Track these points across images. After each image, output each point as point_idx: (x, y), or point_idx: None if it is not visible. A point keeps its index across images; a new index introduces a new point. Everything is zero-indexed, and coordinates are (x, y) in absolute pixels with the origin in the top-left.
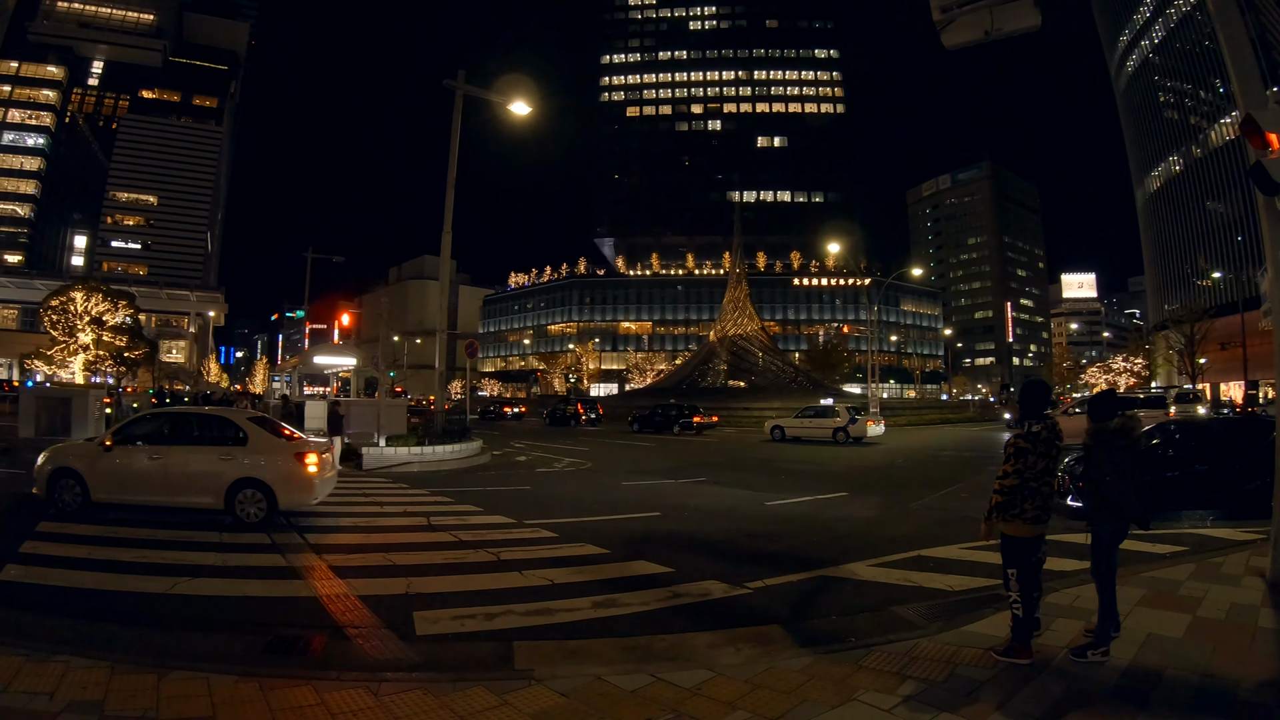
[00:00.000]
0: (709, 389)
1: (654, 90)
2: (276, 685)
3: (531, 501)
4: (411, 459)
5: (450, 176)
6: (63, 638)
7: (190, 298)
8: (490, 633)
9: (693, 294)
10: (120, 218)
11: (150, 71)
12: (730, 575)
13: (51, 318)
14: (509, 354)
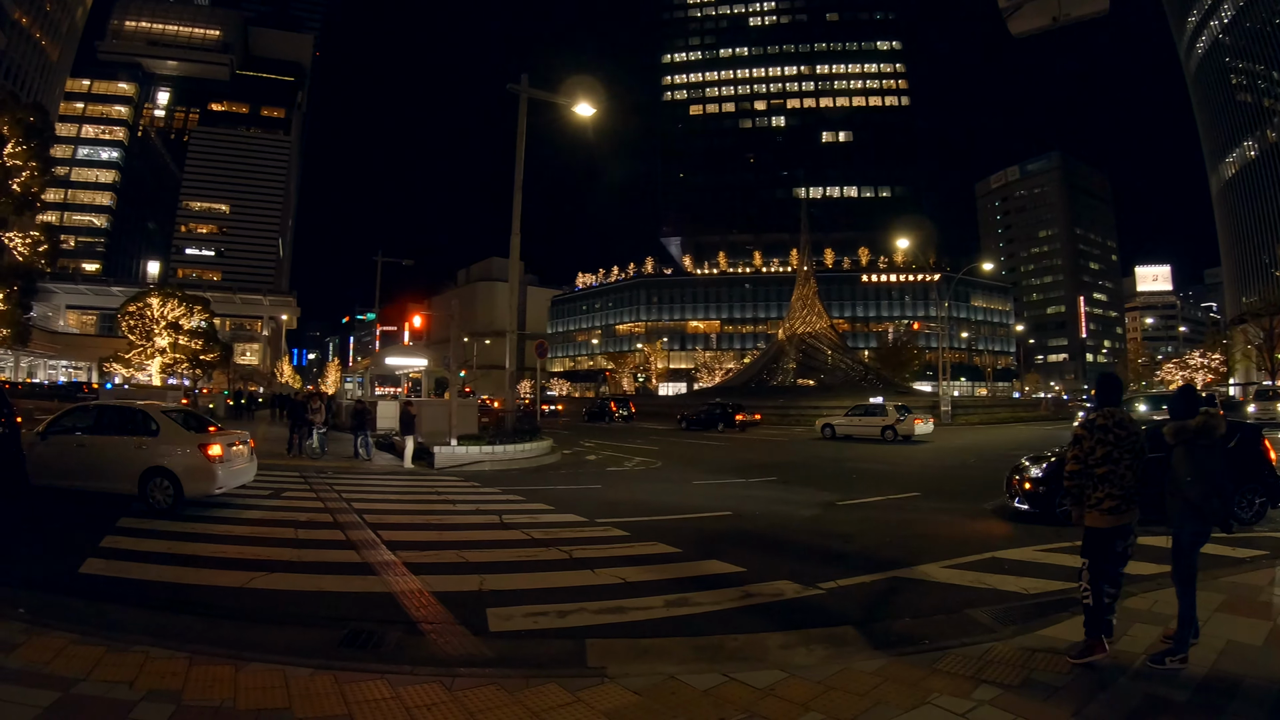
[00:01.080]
0: (778, 388)
1: (716, 88)
2: (352, 678)
3: (602, 500)
4: (483, 458)
5: (517, 179)
6: (142, 628)
7: (263, 302)
8: (563, 630)
9: (760, 292)
10: (194, 226)
11: (218, 85)
12: (802, 575)
13: (129, 323)
14: (577, 354)
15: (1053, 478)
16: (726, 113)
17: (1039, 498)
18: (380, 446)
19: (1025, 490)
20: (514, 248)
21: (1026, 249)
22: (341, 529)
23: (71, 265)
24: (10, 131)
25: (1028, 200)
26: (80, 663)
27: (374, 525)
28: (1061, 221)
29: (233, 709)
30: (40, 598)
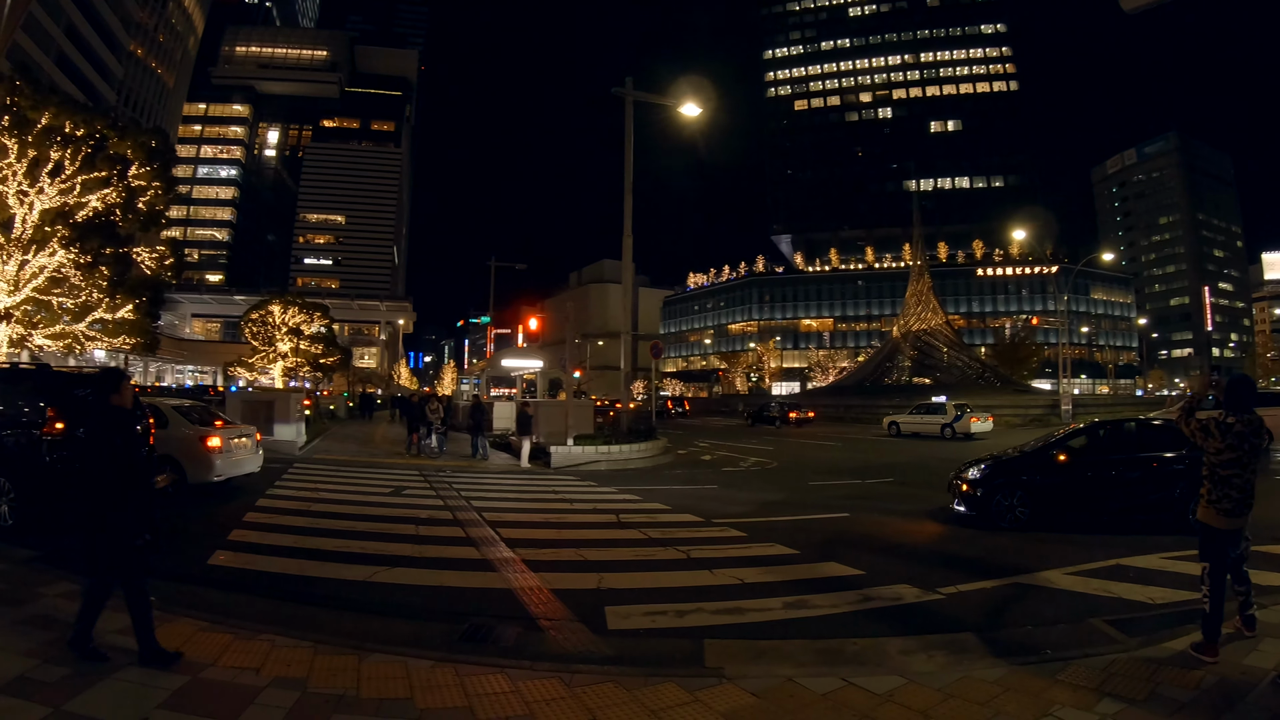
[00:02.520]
0: (893, 386)
1: (820, 82)
2: (472, 671)
3: (719, 500)
4: (599, 457)
5: (627, 182)
6: (267, 618)
7: (380, 307)
8: (681, 629)
9: (873, 289)
10: (311, 237)
11: (329, 102)
12: (921, 579)
13: (252, 329)
14: (690, 354)
15: (988, 480)
16: (831, 106)
17: (975, 500)
18: (496, 446)
19: (962, 492)
20: (626, 250)
21: (1146, 237)
22: (461, 526)
23: (196, 276)
24: (134, 154)
25: (1146, 185)
26: (208, 649)
27: (493, 523)
28: (1182, 207)
29: (356, 698)
30: (170, 587)
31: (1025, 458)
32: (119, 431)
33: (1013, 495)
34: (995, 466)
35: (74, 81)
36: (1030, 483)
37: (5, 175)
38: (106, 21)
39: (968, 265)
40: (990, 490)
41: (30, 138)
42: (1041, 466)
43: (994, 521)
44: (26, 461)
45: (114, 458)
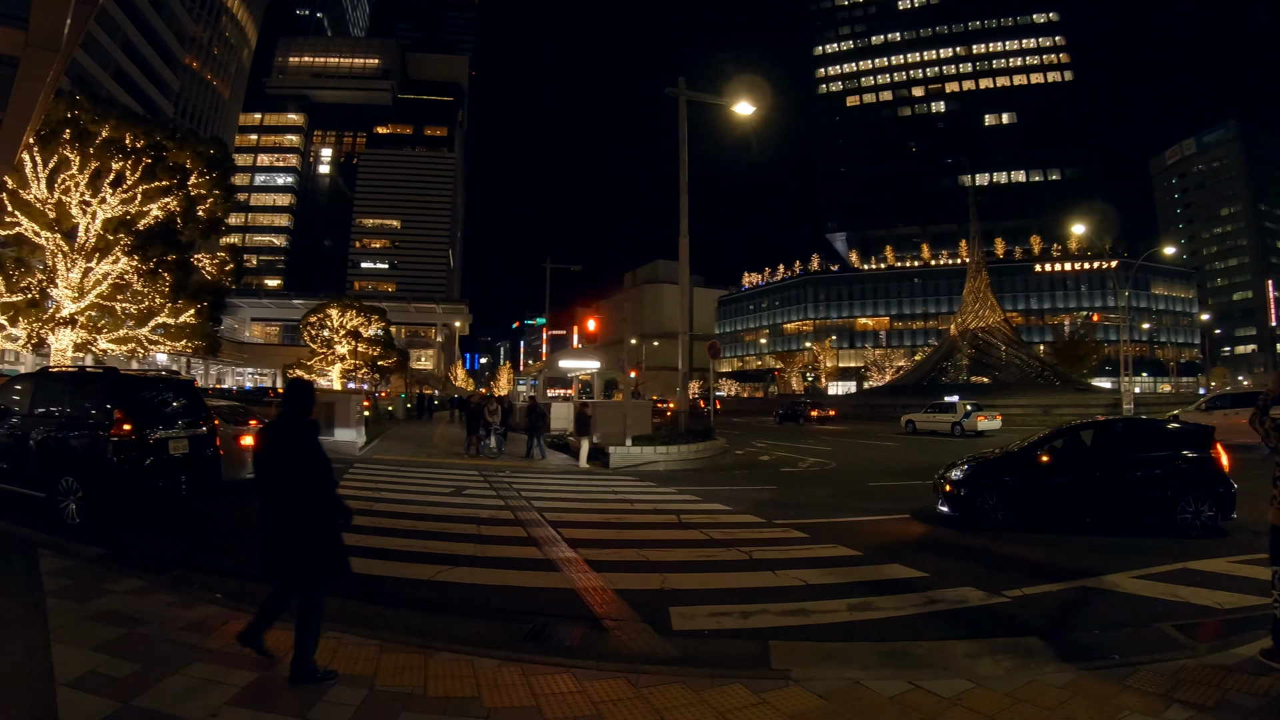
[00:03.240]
0: (950, 385)
1: (871, 77)
2: (538, 671)
3: (779, 501)
4: (657, 458)
5: (683, 182)
6: (333, 616)
7: (436, 310)
8: (746, 631)
9: (930, 286)
10: (368, 241)
11: (382, 109)
12: (986, 581)
13: (310, 332)
14: (745, 354)
15: (972, 480)
16: (884, 102)
17: (958, 500)
18: (553, 447)
19: (945, 492)
20: (683, 250)
21: (1208, 229)
22: (523, 526)
23: (255, 281)
24: (193, 164)
25: (1206, 176)
26: (275, 646)
27: (554, 523)
28: (1244, 197)
29: (423, 696)
30: (237, 585)
31: (1008, 458)
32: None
33: (995, 496)
34: (978, 467)
35: (132, 95)
36: (1013, 483)
37: (68, 186)
38: (161, 36)
39: (1025, 261)
40: (974, 490)
41: (91, 150)
42: (1024, 467)
43: (976, 522)
44: (94, 462)
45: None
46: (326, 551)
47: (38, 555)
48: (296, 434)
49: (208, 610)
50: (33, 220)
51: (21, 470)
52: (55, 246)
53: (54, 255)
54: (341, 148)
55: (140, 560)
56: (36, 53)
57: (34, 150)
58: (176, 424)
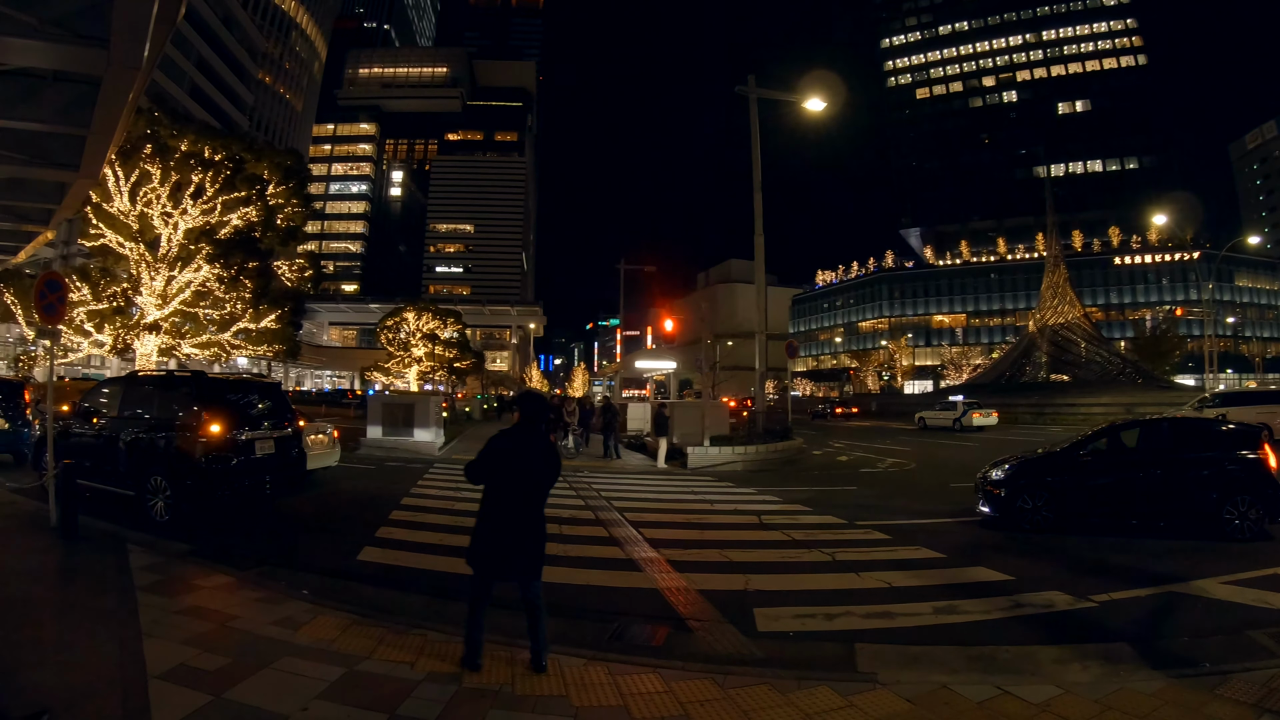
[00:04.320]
0: (1029, 384)
1: (940, 68)
2: (624, 670)
3: (859, 502)
4: (735, 458)
5: (755, 180)
6: (418, 613)
7: (510, 312)
8: (831, 633)
9: (1007, 281)
10: (442, 246)
11: (452, 116)
12: (1072, 586)
13: (387, 335)
14: (820, 353)
15: (1012, 481)
16: (954, 93)
17: (999, 501)
18: (630, 447)
19: (987, 492)
20: (758, 249)
21: None
22: (604, 526)
23: (333, 287)
24: (271, 174)
25: None
26: (362, 642)
27: (635, 523)
28: None
29: (511, 694)
30: (322, 581)
31: (1050, 458)
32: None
33: (1036, 496)
34: (1019, 467)
35: (207, 110)
36: (1054, 484)
37: (150, 199)
38: (234, 53)
39: (1104, 254)
40: (1014, 491)
41: (171, 163)
42: (1066, 467)
43: (1017, 523)
44: (182, 462)
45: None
46: (543, 548)
47: (128, 551)
48: (535, 440)
49: (295, 606)
50: (117, 232)
51: (112, 470)
52: (139, 256)
53: (138, 265)
54: (414, 155)
55: (227, 557)
56: (118, 71)
57: (116, 165)
58: (262, 425)
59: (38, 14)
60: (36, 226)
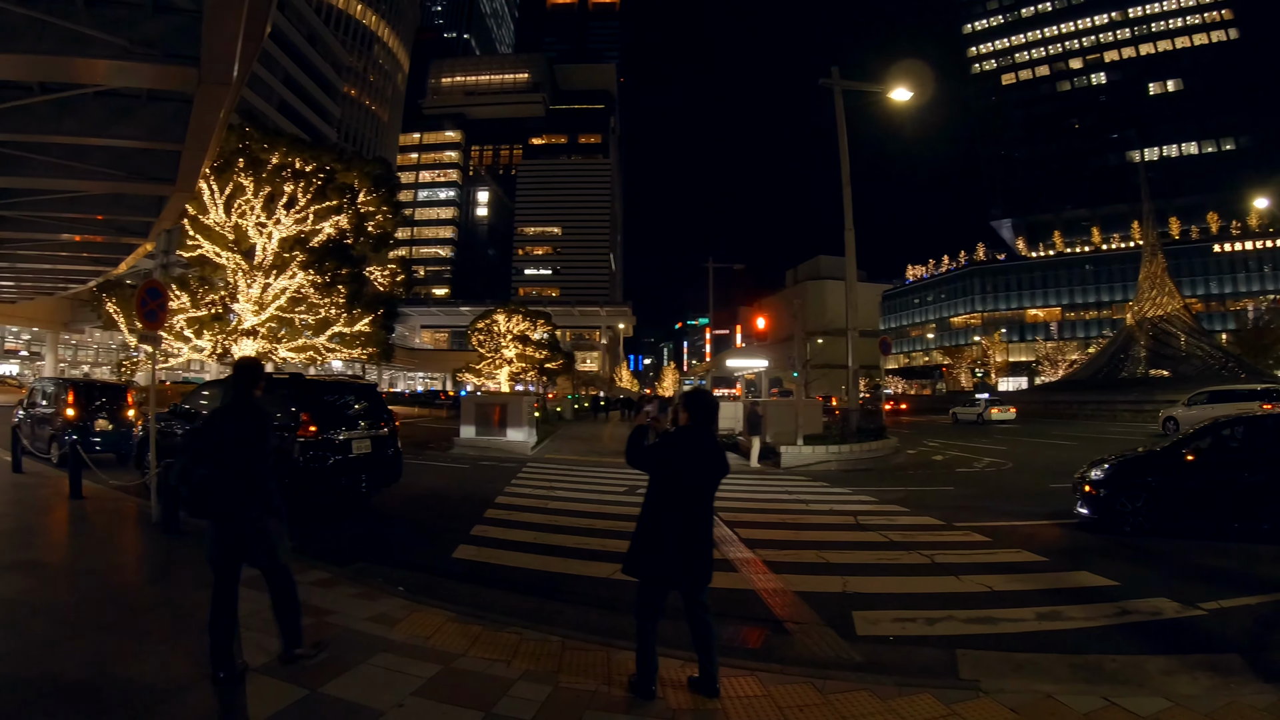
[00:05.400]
0: (1127, 380)
1: (1025, 52)
2: (722, 673)
3: (956, 502)
4: (829, 458)
5: (844, 174)
6: (514, 611)
7: (600, 313)
8: (931, 638)
9: (1102, 273)
10: (530, 249)
11: (535, 121)
12: (1180, 592)
13: (478, 337)
14: (911, 350)
15: (1111, 481)
16: (1040, 77)
17: (1097, 502)
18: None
19: (1085, 493)
20: (849, 244)
21: None
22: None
23: (423, 291)
24: (361, 183)
25: None
26: (458, 640)
27: (729, 523)
28: None
29: (607, 694)
30: (418, 579)
31: (1151, 457)
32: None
33: (1136, 497)
34: (1119, 467)
35: (296, 124)
36: (1155, 484)
37: (244, 210)
38: (319, 68)
39: (1202, 241)
40: (1113, 492)
41: (263, 175)
42: (1168, 467)
43: (1116, 525)
44: (280, 461)
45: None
46: (712, 552)
47: None
48: (705, 440)
49: (391, 603)
50: (213, 242)
51: None
52: (235, 265)
53: (234, 273)
54: (499, 160)
55: (325, 553)
56: (209, 88)
57: (211, 180)
58: (359, 425)
59: (128, 36)
60: (136, 238)
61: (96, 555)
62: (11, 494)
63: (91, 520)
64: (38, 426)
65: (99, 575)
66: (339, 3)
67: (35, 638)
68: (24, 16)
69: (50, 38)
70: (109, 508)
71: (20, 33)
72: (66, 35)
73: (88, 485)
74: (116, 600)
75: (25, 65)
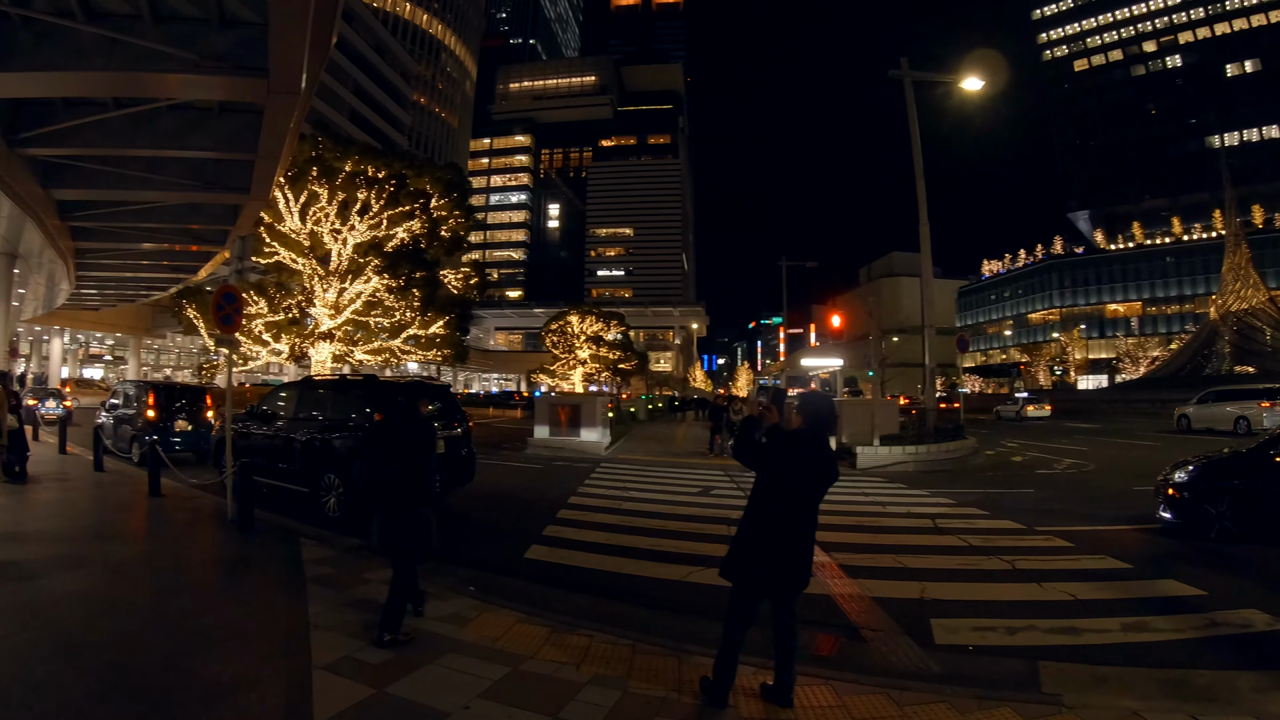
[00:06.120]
0: (1211, 377)
1: (1096, 36)
2: (796, 682)
3: (1037, 505)
4: (906, 458)
5: (917, 167)
6: (584, 613)
7: (673, 313)
8: (1012, 648)
9: (1184, 265)
10: (602, 250)
11: (604, 123)
12: (1271, 604)
13: (552, 338)
14: (988, 347)
15: (1195, 484)
16: (1114, 62)
17: (1181, 505)
18: None
19: (1168, 496)
20: (924, 239)
21: None
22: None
23: (497, 294)
24: (433, 188)
25: None
26: (527, 642)
27: None
28: None
29: (677, 701)
30: (489, 579)
31: (1237, 458)
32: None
33: (1221, 501)
34: (1204, 468)
35: (367, 133)
36: (1242, 488)
37: (319, 218)
38: (388, 77)
39: None
40: (1198, 495)
41: (337, 183)
42: (1256, 469)
43: (1201, 530)
44: (355, 461)
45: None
46: (812, 561)
47: (300, 544)
48: (818, 445)
49: (461, 603)
50: (289, 249)
51: (287, 468)
52: (311, 271)
53: (310, 279)
54: (569, 163)
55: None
56: (278, 98)
57: (285, 189)
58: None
59: (198, 50)
60: (213, 246)
61: (172, 551)
62: (93, 491)
63: (169, 517)
64: (119, 427)
65: (174, 570)
66: (405, 14)
67: (111, 630)
68: (94, 35)
69: (121, 55)
70: (186, 505)
71: (91, 51)
72: (137, 52)
73: (166, 483)
74: (190, 595)
75: (98, 82)
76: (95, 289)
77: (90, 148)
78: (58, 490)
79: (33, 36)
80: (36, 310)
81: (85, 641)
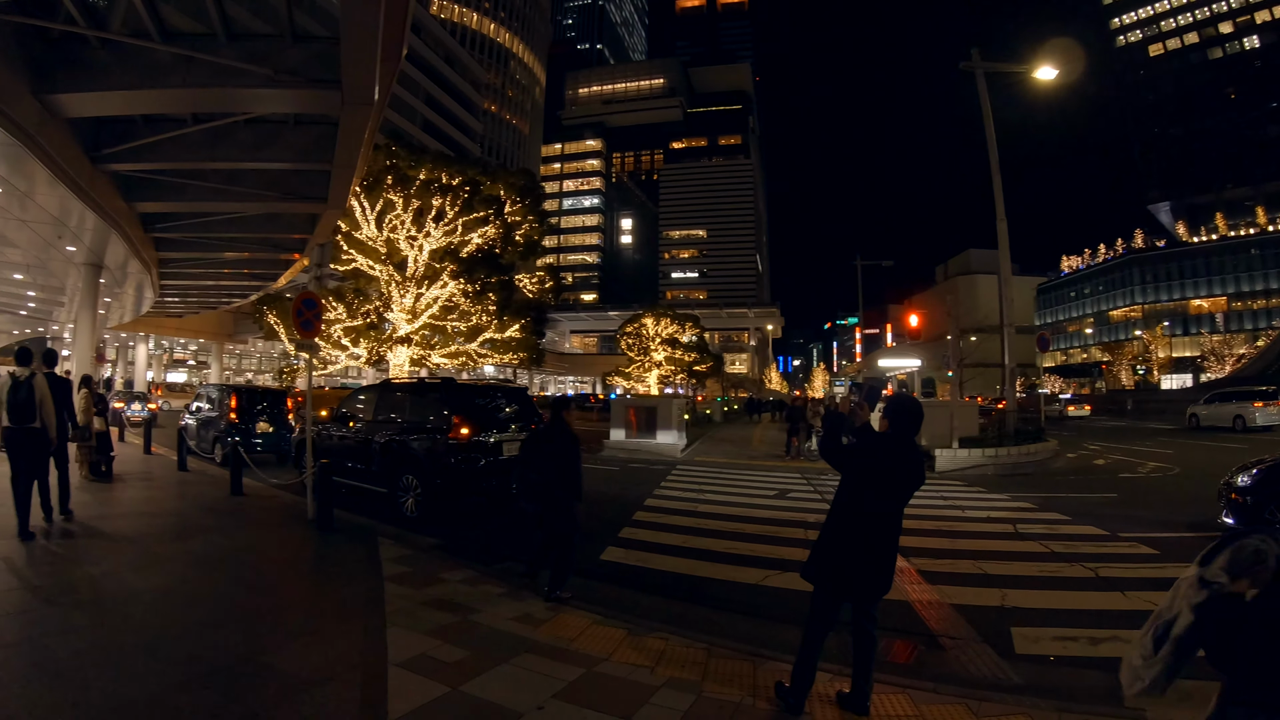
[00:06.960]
0: None
1: (1171, 19)
2: (873, 690)
3: (1121, 511)
4: (985, 461)
5: (993, 161)
6: (660, 616)
7: (748, 314)
8: (1095, 660)
9: (1270, 257)
10: (676, 252)
11: (674, 125)
12: None
13: (627, 341)
14: (1068, 346)
15: (1258, 489)
16: (1190, 45)
17: (1244, 510)
18: None
19: (1231, 501)
20: (1001, 234)
21: None
22: None
23: (571, 297)
24: (506, 194)
25: None
26: (602, 643)
27: None
28: None
29: (752, 706)
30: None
31: None
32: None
33: None
34: (1267, 473)
35: (440, 141)
36: None
37: (395, 225)
38: (458, 87)
39: None
40: (1260, 500)
41: (411, 191)
42: None
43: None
44: (433, 462)
45: None
46: (895, 566)
47: (378, 544)
48: (910, 451)
49: (536, 604)
50: (367, 256)
51: (366, 469)
52: (389, 277)
53: (388, 284)
54: (640, 166)
55: (472, 552)
56: (352, 109)
57: (361, 197)
58: (509, 428)
59: (272, 65)
60: (292, 254)
61: (251, 548)
62: (177, 489)
63: (249, 515)
64: (203, 428)
65: (253, 566)
66: (473, 24)
67: (191, 623)
68: (170, 54)
69: (197, 72)
70: (266, 504)
71: (168, 69)
72: (213, 69)
73: (248, 483)
74: (268, 591)
75: (175, 99)
76: (178, 296)
77: (170, 162)
78: (142, 488)
79: (111, 57)
80: (123, 317)
81: (166, 634)
